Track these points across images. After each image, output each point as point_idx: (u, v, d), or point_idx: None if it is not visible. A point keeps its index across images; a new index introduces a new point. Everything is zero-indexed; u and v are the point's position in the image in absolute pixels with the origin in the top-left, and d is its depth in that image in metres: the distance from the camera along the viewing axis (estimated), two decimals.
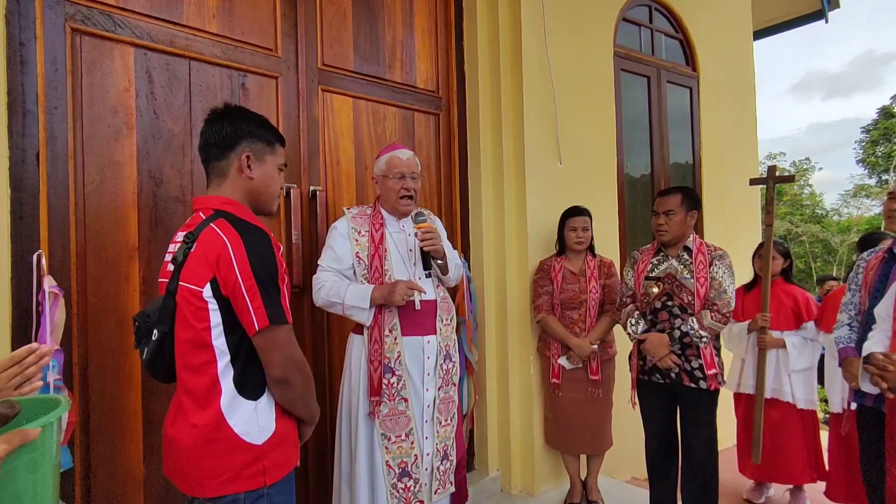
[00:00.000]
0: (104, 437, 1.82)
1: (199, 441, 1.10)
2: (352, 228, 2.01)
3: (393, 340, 1.93)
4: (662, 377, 2.27)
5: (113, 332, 1.84)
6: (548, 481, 2.82)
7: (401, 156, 2.03)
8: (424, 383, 1.96)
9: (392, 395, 1.92)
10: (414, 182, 2.02)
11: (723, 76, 3.91)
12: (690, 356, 2.20)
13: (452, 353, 2.07)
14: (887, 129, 21.68)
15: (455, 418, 2.07)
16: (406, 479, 1.91)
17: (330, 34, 2.45)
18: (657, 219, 2.28)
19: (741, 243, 3.59)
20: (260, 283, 1.08)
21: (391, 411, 1.93)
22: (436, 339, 1.99)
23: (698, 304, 2.19)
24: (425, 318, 1.99)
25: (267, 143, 1.25)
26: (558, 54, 2.92)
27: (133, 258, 1.89)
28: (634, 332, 2.29)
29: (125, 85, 1.87)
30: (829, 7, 4.32)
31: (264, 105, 2.23)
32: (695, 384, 2.20)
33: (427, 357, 1.98)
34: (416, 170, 2.05)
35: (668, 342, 2.20)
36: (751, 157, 4.05)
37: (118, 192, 1.85)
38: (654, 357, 2.23)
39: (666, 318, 2.23)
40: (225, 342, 1.11)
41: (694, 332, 2.15)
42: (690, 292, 2.20)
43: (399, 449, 1.92)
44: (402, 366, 1.93)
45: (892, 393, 1.48)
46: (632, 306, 2.35)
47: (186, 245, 1.15)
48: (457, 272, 2.10)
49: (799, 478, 2.76)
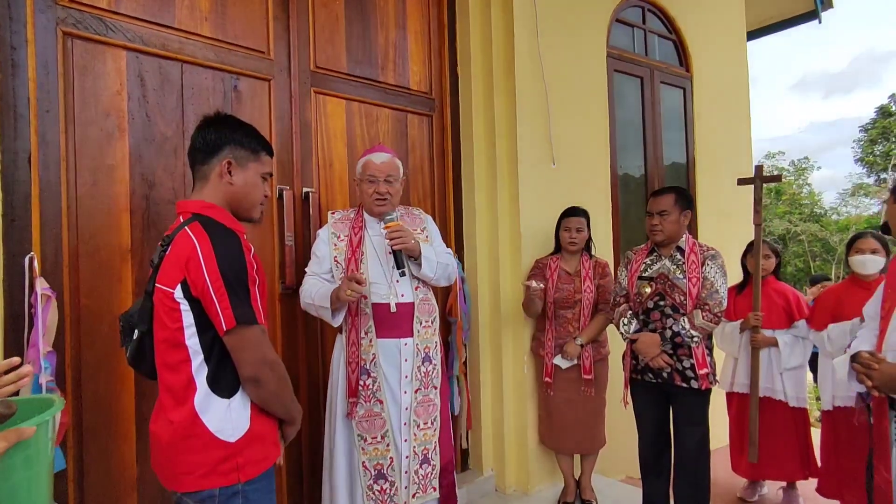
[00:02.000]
0: (97, 439, 1.83)
1: (176, 437, 1.15)
2: (332, 233, 2.05)
3: (368, 342, 1.94)
4: (654, 377, 2.28)
5: (106, 334, 1.85)
6: (542, 480, 2.83)
7: (374, 159, 2.02)
8: (402, 386, 1.96)
9: (368, 397, 1.94)
10: (389, 185, 1.99)
11: (716, 77, 3.92)
12: (682, 356, 2.22)
13: (433, 356, 2.04)
14: (885, 128, 21.71)
15: (437, 422, 2.04)
16: (382, 481, 1.93)
17: (322, 36, 2.46)
18: (651, 219, 2.29)
19: (735, 243, 3.60)
20: (228, 285, 1.11)
21: (367, 413, 1.94)
22: (413, 341, 1.98)
23: (690, 304, 2.20)
24: (402, 320, 1.97)
25: (251, 151, 1.28)
26: (551, 55, 2.93)
27: (126, 260, 1.90)
28: (627, 332, 2.30)
29: (117, 88, 1.88)
30: (823, 7, 4.34)
31: (257, 108, 2.25)
32: (686, 384, 2.21)
33: (404, 359, 1.97)
34: (393, 172, 2.02)
35: (659, 342, 2.21)
36: (744, 157, 4.06)
37: (111, 195, 1.87)
38: (646, 356, 2.24)
39: (658, 318, 2.24)
40: (198, 342, 1.15)
41: (685, 331, 2.16)
42: (682, 292, 2.22)
43: (375, 451, 1.94)
44: (377, 368, 1.95)
45: (877, 391, 1.49)
46: (625, 306, 2.36)
47: (162, 248, 1.21)
48: (445, 271, 2.05)
49: (792, 475, 2.78)
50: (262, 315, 1.18)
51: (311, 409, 2.37)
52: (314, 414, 2.38)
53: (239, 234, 1.22)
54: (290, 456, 2.30)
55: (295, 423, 1.31)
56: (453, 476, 2.13)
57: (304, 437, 2.34)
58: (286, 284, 2.28)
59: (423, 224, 2.17)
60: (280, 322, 2.29)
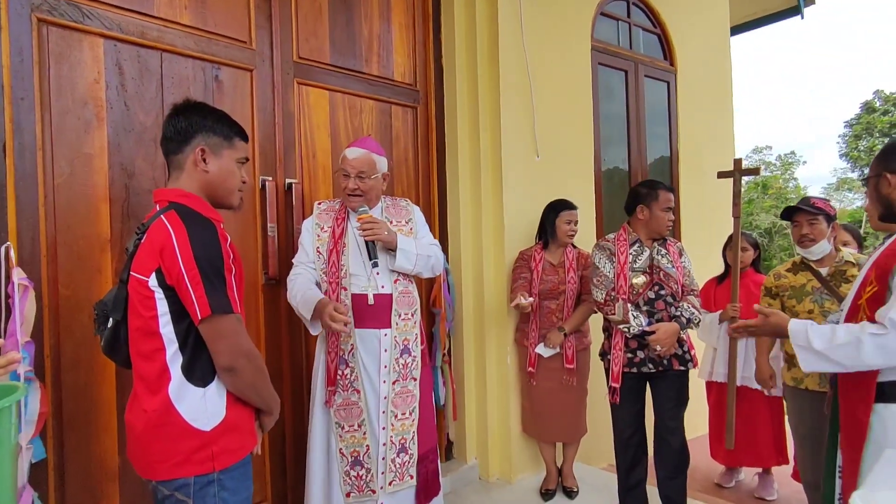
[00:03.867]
0: (77, 428, 1.83)
1: (149, 426, 1.15)
2: (315, 224, 2.06)
3: (347, 333, 1.96)
4: (654, 366, 2.26)
5: (86, 325, 1.84)
6: (525, 469, 2.87)
7: (349, 154, 2.02)
8: (381, 375, 1.99)
9: (346, 386, 1.98)
10: (360, 181, 1.98)
11: (700, 71, 3.96)
12: (680, 341, 2.28)
13: (412, 348, 2.06)
14: (869, 123, 22.02)
15: (416, 412, 2.05)
16: (358, 467, 1.98)
17: (305, 27, 2.45)
18: (668, 214, 2.30)
19: (718, 235, 3.65)
20: (203, 273, 1.11)
21: (344, 402, 1.98)
22: (391, 332, 2.01)
23: (681, 292, 2.30)
24: (380, 311, 1.99)
25: (224, 138, 1.28)
26: (536, 48, 2.94)
27: (105, 250, 1.89)
28: (639, 325, 2.20)
29: (95, 77, 1.86)
30: (805, 3, 4.39)
31: (239, 98, 2.24)
32: (684, 366, 2.28)
33: (384, 350, 2.00)
34: (366, 168, 1.99)
35: (678, 330, 2.21)
36: (727, 151, 4.11)
37: (89, 185, 1.85)
38: (664, 346, 2.18)
39: (663, 308, 2.26)
40: (172, 330, 1.15)
41: (694, 315, 2.26)
42: (675, 281, 2.28)
43: (352, 438, 1.98)
44: (355, 358, 1.98)
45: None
46: (622, 301, 2.26)
47: (138, 236, 1.21)
48: (427, 263, 2.06)
49: (766, 461, 2.86)
50: (238, 304, 1.18)
51: (293, 400, 2.38)
52: (297, 405, 2.39)
53: (216, 222, 1.22)
54: (274, 446, 2.32)
55: (272, 414, 1.32)
56: (436, 465, 2.15)
57: (288, 427, 2.35)
58: (269, 275, 2.28)
59: (409, 215, 2.17)
60: (263, 313, 2.29)
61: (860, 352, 1.30)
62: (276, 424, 1.74)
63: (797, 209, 2.29)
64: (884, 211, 1.49)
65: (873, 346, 1.29)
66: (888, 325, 1.28)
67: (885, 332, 1.28)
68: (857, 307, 1.44)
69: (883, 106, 22.46)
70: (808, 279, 2.31)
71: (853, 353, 1.32)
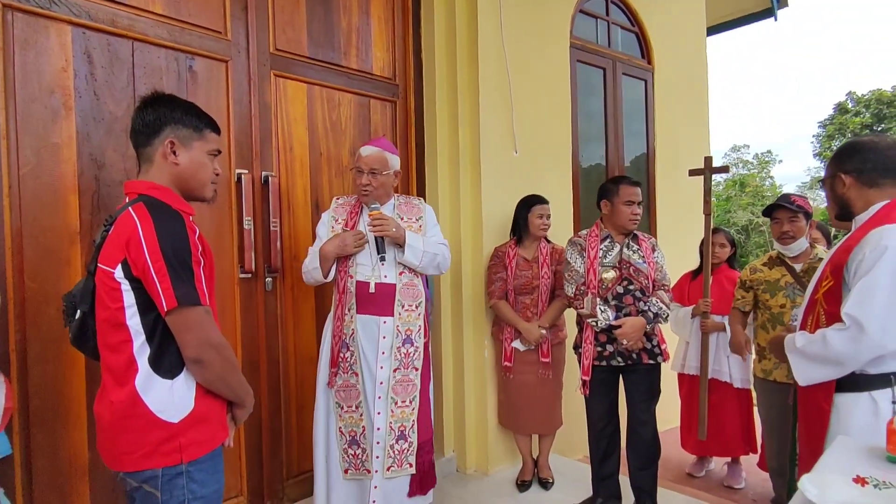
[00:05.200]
0: (45, 424, 1.80)
1: (117, 417, 1.14)
2: (332, 217, 2.19)
3: (350, 318, 2.08)
4: (624, 360, 2.30)
5: (54, 318, 1.81)
6: (501, 461, 2.91)
7: (362, 152, 2.14)
8: (378, 361, 2.06)
9: (346, 369, 2.08)
10: (372, 177, 2.09)
11: (677, 70, 4.02)
12: (649, 335, 2.31)
13: (415, 339, 2.12)
14: (842, 124, 22.63)
15: (416, 401, 2.12)
16: (355, 446, 2.09)
17: (282, 18, 2.42)
18: (632, 208, 2.30)
19: (694, 232, 3.73)
20: (169, 265, 1.11)
21: (344, 383, 2.09)
22: (393, 321, 2.07)
23: (652, 287, 2.32)
24: (382, 300, 2.08)
25: (194, 129, 1.27)
26: (515, 44, 2.96)
27: (74, 242, 1.86)
28: (606, 320, 2.25)
29: (62, 65, 1.82)
30: (779, 6, 4.49)
31: (214, 89, 2.21)
32: (653, 360, 2.31)
33: (383, 336, 2.07)
34: (377, 165, 2.09)
35: (644, 324, 2.24)
36: (703, 149, 4.18)
37: (56, 175, 1.82)
38: (631, 340, 2.22)
39: (631, 302, 2.30)
40: (139, 322, 1.15)
41: (662, 310, 2.28)
42: (646, 276, 2.31)
43: (350, 418, 2.09)
44: (355, 342, 2.07)
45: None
46: (591, 295, 2.30)
47: (105, 228, 1.20)
48: (433, 260, 2.14)
49: (735, 451, 2.95)
50: (206, 296, 1.18)
51: (270, 394, 2.37)
52: (274, 396, 2.38)
53: (185, 215, 1.21)
54: (250, 439, 2.31)
55: (244, 406, 1.31)
56: (432, 456, 2.19)
57: (265, 418, 2.34)
58: (245, 269, 2.26)
59: (420, 213, 2.25)
60: (239, 306, 2.27)
61: (826, 346, 1.35)
62: (251, 417, 1.74)
63: (779, 206, 2.35)
64: (839, 210, 1.53)
65: (837, 338, 1.33)
66: (846, 320, 1.32)
67: (845, 328, 1.32)
68: (814, 301, 1.49)
69: (855, 107, 23.11)
70: (782, 274, 2.37)
71: (821, 348, 1.37)
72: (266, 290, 2.35)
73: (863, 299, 1.30)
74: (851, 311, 1.31)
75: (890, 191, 1.43)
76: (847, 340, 1.32)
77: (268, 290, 2.36)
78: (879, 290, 1.29)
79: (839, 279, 1.39)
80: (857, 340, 1.30)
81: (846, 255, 1.39)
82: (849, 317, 1.32)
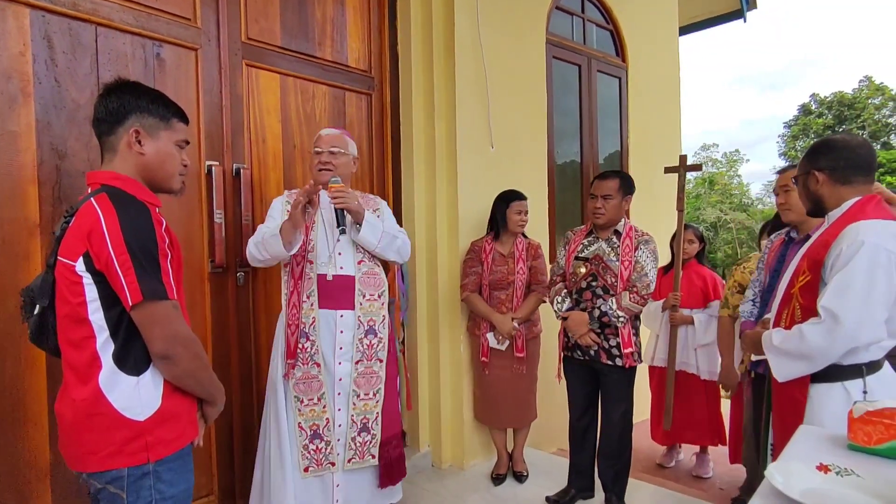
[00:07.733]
0: (3, 423, 1.73)
1: (79, 416, 1.10)
2: (286, 201, 2.11)
3: (310, 306, 2.00)
4: (583, 354, 2.37)
5: (12, 314, 1.73)
6: (477, 455, 2.93)
7: (322, 132, 2.12)
8: (336, 356, 2.01)
9: (306, 360, 2.00)
10: (332, 156, 2.05)
11: (650, 68, 4.09)
12: (609, 335, 2.31)
13: (379, 329, 2.08)
14: (806, 125, 23.44)
15: (381, 393, 2.09)
16: (318, 440, 2.00)
17: (255, 7, 2.37)
18: (594, 202, 2.33)
19: (666, 228, 3.80)
20: (134, 258, 1.07)
21: (304, 375, 2.00)
22: (353, 314, 2.03)
23: (621, 286, 2.28)
24: (339, 293, 2.02)
25: (160, 119, 1.22)
26: (491, 39, 2.96)
27: (34, 235, 1.78)
28: (559, 310, 2.39)
29: (20, 49, 1.73)
30: (748, 7, 4.61)
31: (182, 77, 2.14)
32: (612, 361, 2.31)
33: (340, 331, 2.02)
34: (338, 144, 2.07)
35: (587, 320, 2.29)
36: (675, 147, 4.27)
37: (14, 165, 1.73)
38: (574, 334, 2.34)
39: (589, 298, 2.33)
40: (103, 317, 1.11)
41: (612, 311, 2.25)
42: (614, 274, 2.30)
43: (311, 412, 2.00)
44: (316, 332, 2.00)
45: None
46: (561, 285, 2.43)
47: (66, 220, 1.15)
48: (392, 242, 2.09)
49: (701, 440, 3.03)
50: (174, 291, 1.14)
51: (242, 391, 2.33)
52: (245, 395, 2.34)
53: (151, 206, 1.17)
54: (221, 438, 2.26)
55: (215, 403, 1.28)
56: (401, 450, 2.17)
57: (237, 415, 2.30)
58: (216, 263, 2.21)
59: (376, 206, 2.23)
60: (209, 300, 2.22)
61: (803, 341, 1.38)
62: (222, 415, 1.71)
63: None
64: (812, 206, 1.58)
65: (813, 332, 1.37)
66: (821, 312, 1.36)
67: (821, 322, 1.36)
68: (789, 296, 1.52)
69: (818, 109, 23.96)
70: None
71: (798, 343, 1.40)
72: (238, 284, 2.31)
73: (839, 292, 1.34)
74: (827, 304, 1.35)
75: (861, 187, 1.47)
76: (823, 333, 1.35)
77: (239, 285, 2.31)
78: (855, 284, 1.32)
79: (817, 274, 1.42)
80: (832, 332, 1.34)
81: (824, 251, 1.42)
82: (825, 309, 1.35)
